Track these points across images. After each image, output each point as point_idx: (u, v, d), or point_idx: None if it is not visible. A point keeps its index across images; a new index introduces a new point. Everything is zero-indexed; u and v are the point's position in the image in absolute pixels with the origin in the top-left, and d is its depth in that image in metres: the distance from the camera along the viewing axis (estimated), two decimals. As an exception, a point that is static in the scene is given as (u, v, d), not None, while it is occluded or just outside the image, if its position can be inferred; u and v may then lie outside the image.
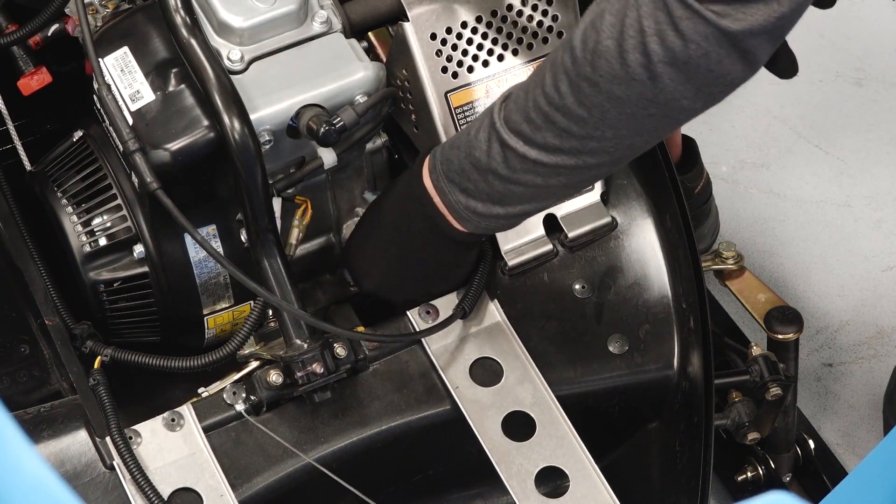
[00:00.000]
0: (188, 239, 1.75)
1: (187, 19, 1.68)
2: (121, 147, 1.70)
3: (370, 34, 1.86)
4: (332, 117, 1.70)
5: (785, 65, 2.11)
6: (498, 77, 1.80)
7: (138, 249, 1.75)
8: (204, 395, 1.71)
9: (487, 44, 1.79)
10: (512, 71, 1.80)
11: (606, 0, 1.47)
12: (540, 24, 1.80)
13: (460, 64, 1.78)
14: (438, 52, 1.77)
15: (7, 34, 1.85)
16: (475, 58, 1.79)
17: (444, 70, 1.77)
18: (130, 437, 1.65)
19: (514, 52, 1.80)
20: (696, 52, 1.41)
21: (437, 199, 1.64)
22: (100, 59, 1.73)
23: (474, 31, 1.78)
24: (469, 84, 1.78)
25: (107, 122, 1.74)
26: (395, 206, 1.71)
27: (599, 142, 1.51)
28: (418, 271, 1.74)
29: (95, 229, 1.76)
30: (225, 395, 1.70)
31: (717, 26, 1.40)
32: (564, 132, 1.51)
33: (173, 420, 1.68)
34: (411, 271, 1.74)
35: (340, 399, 1.72)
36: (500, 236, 1.81)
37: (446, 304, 1.78)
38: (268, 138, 1.71)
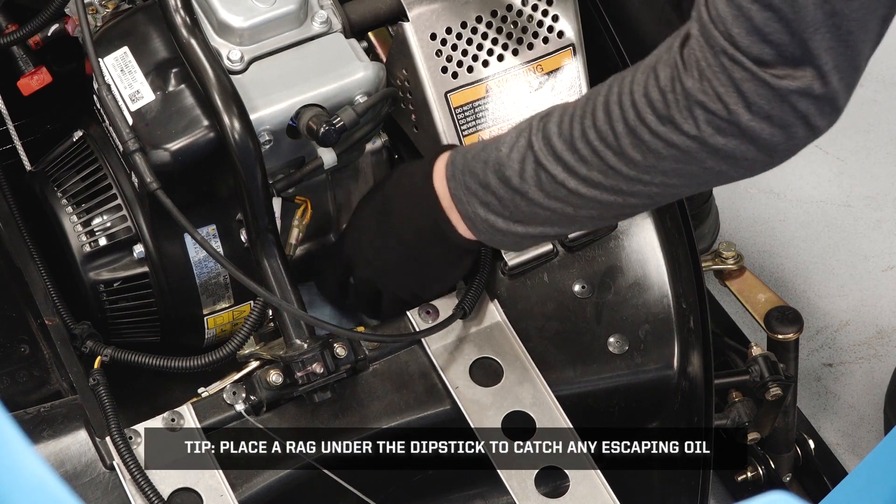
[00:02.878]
0: (188, 239, 1.75)
1: (187, 19, 1.68)
2: (121, 147, 1.70)
3: (370, 34, 1.86)
4: (332, 117, 1.70)
5: None
6: (498, 77, 1.80)
7: (138, 249, 1.75)
8: (204, 395, 1.71)
9: (487, 44, 1.79)
10: (512, 71, 1.80)
11: (666, 52, 1.45)
12: (540, 23, 1.80)
13: (460, 64, 1.78)
14: (438, 52, 1.77)
15: (7, 34, 1.85)
16: (475, 58, 1.79)
17: (444, 70, 1.77)
18: (130, 437, 1.65)
19: (514, 52, 1.80)
20: (759, 114, 1.40)
21: (446, 204, 1.63)
22: (100, 59, 1.73)
23: (474, 31, 1.78)
24: (469, 84, 1.78)
25: (107, 122, 1.73)
26: (401, 200, 1.70)
27: (647, 186, 1.49)
28: (415, 267, 1.74)
29: (95, 229, 1.76)
30: (225, 395, 1.70)
31: (777, 88, 1.39)
32: (612, 170, 1.49)
33: (173, 420, 1.68)
34: (408, 266, 1.73)
35: (340, 399, 1.72)
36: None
37: (446, 304, 1.78)
38: (268, 138, 1.71)
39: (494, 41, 1.79)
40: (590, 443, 1.72)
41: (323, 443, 1.70)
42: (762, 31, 1.37)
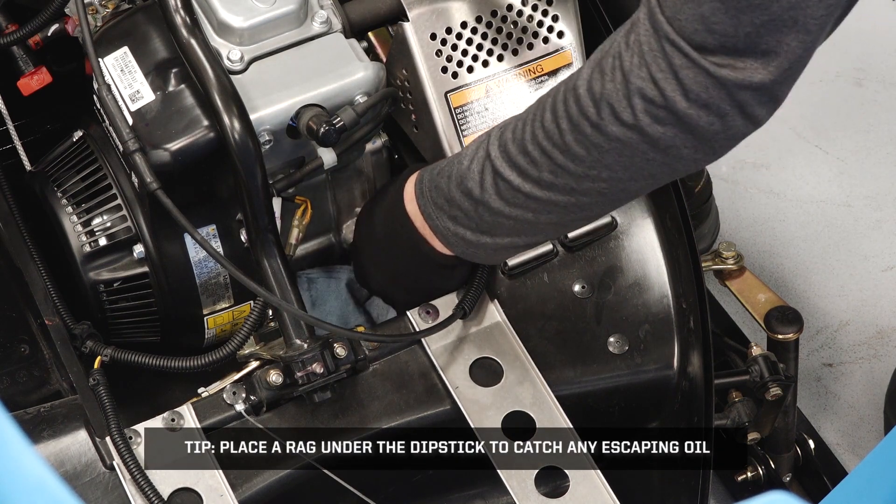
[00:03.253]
0: (188, 239, 1.75)
1: (187, 19, 1.68)
2: (121, 147, 1.70)
3: (370, 34, 1.86)
4: (332, 117, 1.70)
5: None
6: (498, 77, 1.80)
7: (138, 249, 1.75)
8: (204, 395, 1.71)
9: (487, 44, 1.79)
10: (512, 71, 1.80)
11: (610, 43, 1.47)
12: (540, 24, 1.80)
13: (460, 64, 1.78)
14: (438, 52, 1.77)
15: (7, 34, 1.85)
16: (475, 58, 1.78)
17: (444, 70, 1.77)
18: (130, 437, 1.65)
19: (514, 52, 1.80)
20: (697, 102, 1.41)
21: (419, 223, 1.66)
22: (100, 59, 1.73)
23: (474, 31, 1.78)
24: (469, 84, 1.78)
25: (107, 122, 1.73)
26: (382, 221, 1.73)
27: (594, 182, 1.50)
28: (410, 283, 1.76)
29: (95, 229, 1.76)
30: (225, 395, 1.70)
31: (716, 77, 1.39)
32: (560, 168, 1.50)
33: (173, 420, 1.68)
34: (403, 281, 1.76)
35: (340, 399, 1.72)
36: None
37: (446, 304, 1.78)
38: (268, 138, 1.71)
39: (494, 41, 1.79)
40: (590, 443, 1.72)
41: (323, 443, 1.69)
42: (708, 20, 1.37)
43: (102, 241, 1.76)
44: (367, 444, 1.71)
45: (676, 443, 1.83)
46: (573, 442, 1.71)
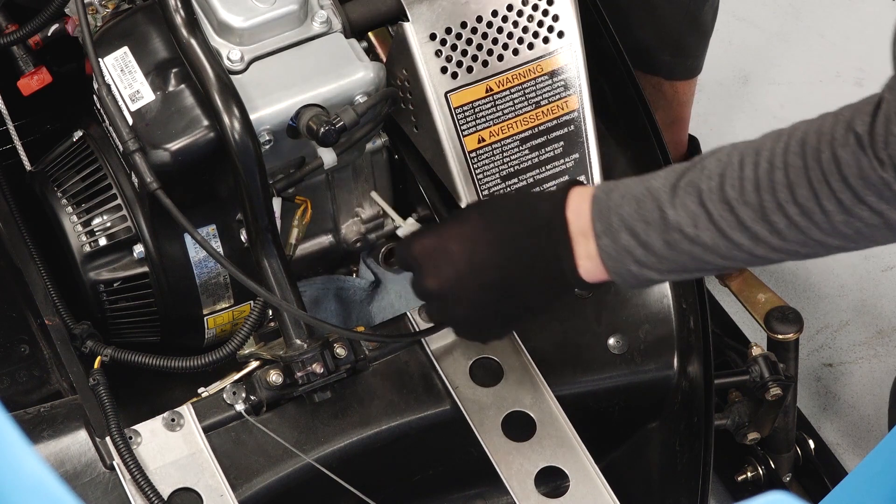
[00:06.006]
0: (188, 239, 1.75)
1: (187, 19, 1.68)
2: (121, 147, 1.70)
3: (370, 34, 1.86)
4: (332, 117, 1.70)
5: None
6: (498, 77, 1.80)
7: (138, 249, 1.75)
8: (204, 395, 1.71)
9: (487, 44, 1.79)
10: (512, 71, 1.80)
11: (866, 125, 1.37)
12: (540, 23, 1.80)
13: (460, 64, 1.78)
14: (438, 52, 1.77)
15: (7, 34, 1.85)
16: (475, 58, 1.78)
17: (444, 70, 1.77)
18: (130, 437, 1.65)
19: (514, 52, 1.80)
20: None
21: (585, 254, 1.50)
22: (100, 59, 1.73)
23: (474, 31, 1.78)
24: (469, 84, 1.78)
25: (107, 122, 1.74)
26: (512, 235, 1.54)
27: (841, 249, 1.41)
28: (514, 307, 1.58)
29: (95, 229, 1.76)
30: (225, 395, 1.70)
31: None
32: (817, 242, 1.40)
33: (173, 420, 1.68)
34: (506, 305, 1.58)
35: (340, 399, 1.72)
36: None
37: (446, 304, 1.78)
38: (268, 138, 1.71)
39: (494, 41, 1.79)
40: (590, 443, 1.72)
41: (323, 443, 1.70)
42: None
43: (102, 241, 1.76)
44: (367, 444, 1.71)
45: (677, 443, 1.83)
46: (573, 442, 1.71)
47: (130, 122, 1.69)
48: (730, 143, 1.44)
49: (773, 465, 2.19)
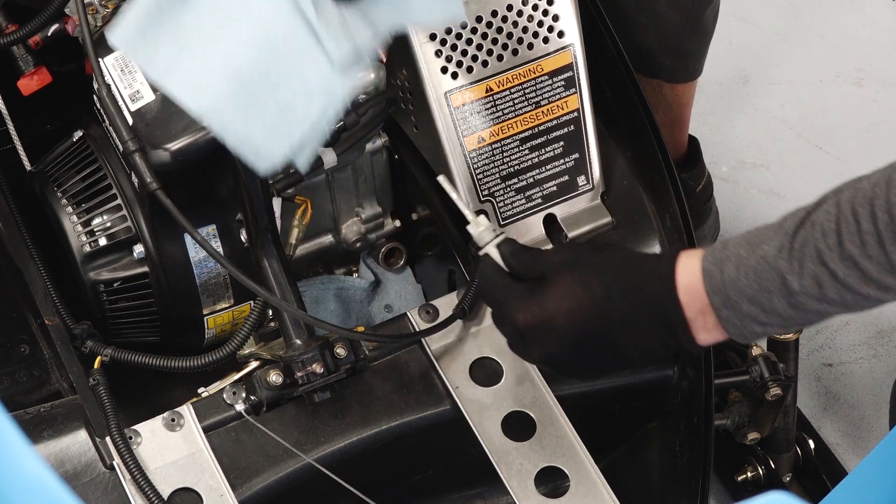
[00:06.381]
0: (188, 239, 1.75)
1: (187, 19, 1.68)
2: (121, 147, 1.70)
3: (370, 34, 1.86)
4: (332, 117, 1.69)
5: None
6: (498, 77, 1.80)
7: (138, 249, 1.75)
8: (204, 395, 1.71)
9: (487, 44, 1.79)
10: (512, 71, 1.80)
11: None
12: (540, 23, 1.80)
13: (460, 64, 1.78)
14: (438, 53, 1.77)
15: (7, 34, 1.85)
16: (475, 58, 1.78)
17: (444, 70, 1.77)
18: (130, 437, 1.65)
19: (514, 52, 1.80)
20: None
21: (697, 318, 1.46)
22: (100, 59, 1.73)
23: (474, 31, 1.78)
24: (469, 84, 1.78)
25: (107, 122, 1.74)
26: (622, 313, 1.49)
27: None
28: (619, 367, 1.57)
29: (95, 229, 1.76)
30: (225, 395, 1.70)
31: None
32: None
33: (173, 420, 1.68)
34: (611, 367, 1.57)
35: (340, 399, 1.72)
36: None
37: (446, 304, 1.78)
38: (268, 138, 1.71)
39: (494, 41, 1.79)
40: (590, 443, 1.72)
41: (323, 443, 1.70)
42: None
43: (102, 241, 1.76)
44: (367, 444, 1.71)
45: (677, 443, 1.83)
46: (573, 442, 1.71)
47: (130, 122, 1.69)
48: (833, 190, 1.42)
49: (773, 465, 2.19)
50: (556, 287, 1.50)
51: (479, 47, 1.79)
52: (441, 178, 1.62)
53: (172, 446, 1.66)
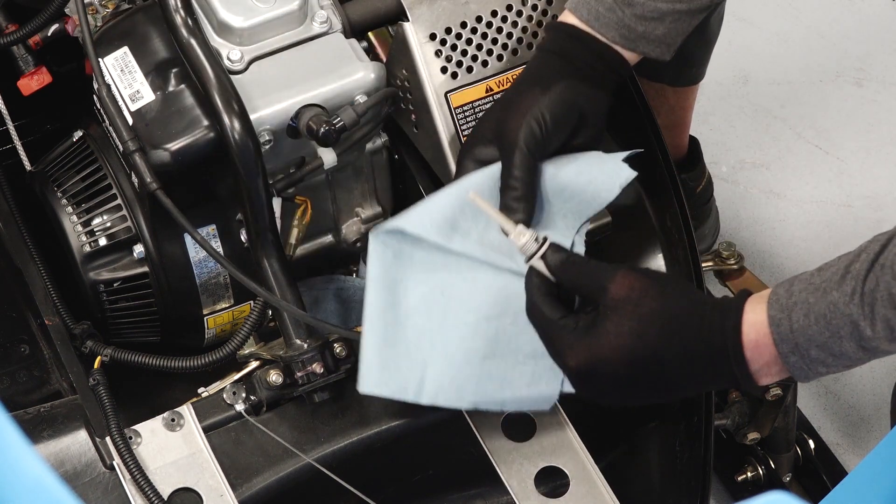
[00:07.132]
0: (188, 239, 1.75)
1: (187, 19, 1.68)
2: (121, 147, 1.70)
3: (370, 34, 1.86)
4: (332, 117, 1.70)
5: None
6: (498, 77, 1.80)
7: (138, 249, 1.75)
8: (204, 395, 1.71)
9: (487, 44, 1.79)
10: (512, 71, 1.80)
11: None
12: (540, 23, 1.80)
13: (460, 64, 1.78)
14: (438, 53, 1.77)
15: (7, 34, 1.85)
16: (475, 58, 1.78)
17: (444, 70, 1.77)
18: (130, 437, 1.65)
19: (514, 52, 1.80)
20: None
21: (763, 372, 1.45)
22: (100, 59, 1.73)
23: (474, 31, 1.78)
24: (469, 84, 1.78)
25: (107, 122, 1.74)
26: (680, 362, 1.46)
27: None
28: (670, 398, 1.61)
29: (95, 229, 1.76)
30: (225, 395, 1.70)
31: None
32: None
33: (173, 420, 1.68)
34: (661, 399, 1.58)
35: (340, 399, 1.72)
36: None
37: (446, 304, 1.78)
38: (268, 138, 1.71)
39: (494, 41, 1.79)
40: (590, 443, 1.71)
41: (323, 443, 1.70)
42: None
43: (102, 241, 1.76)
44: (367, 444, 1.71)
45: (676, 443, 1.83)
46: (573, 442, 1.71)
47: (130, 122, 1.69)
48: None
49: (773, 465, 2.19)
50: (610, 330, 1.46)
51: (479, 47, 1.79)
52: (472, 196, 1.54)
53: (172, 446, 1.66)
